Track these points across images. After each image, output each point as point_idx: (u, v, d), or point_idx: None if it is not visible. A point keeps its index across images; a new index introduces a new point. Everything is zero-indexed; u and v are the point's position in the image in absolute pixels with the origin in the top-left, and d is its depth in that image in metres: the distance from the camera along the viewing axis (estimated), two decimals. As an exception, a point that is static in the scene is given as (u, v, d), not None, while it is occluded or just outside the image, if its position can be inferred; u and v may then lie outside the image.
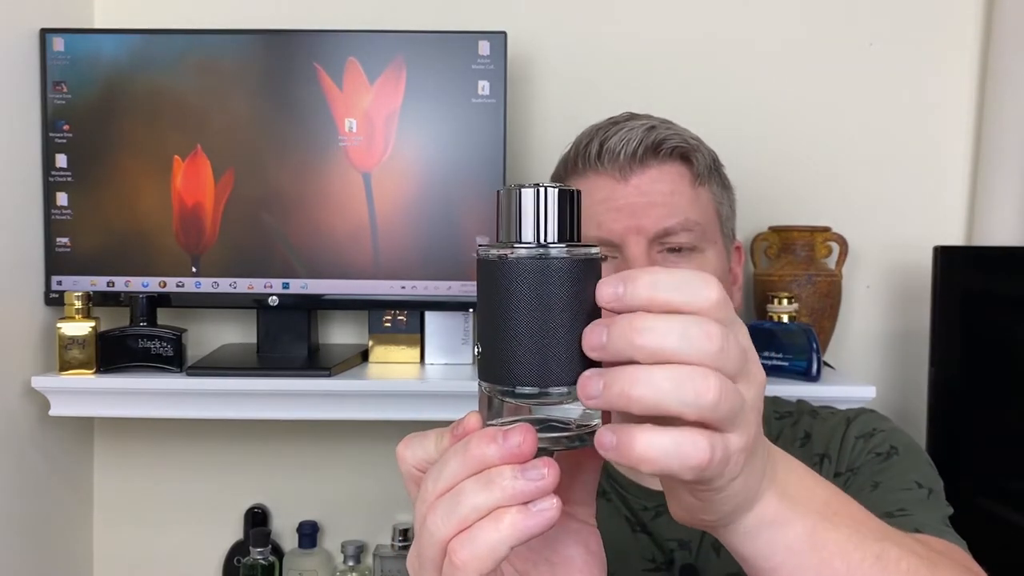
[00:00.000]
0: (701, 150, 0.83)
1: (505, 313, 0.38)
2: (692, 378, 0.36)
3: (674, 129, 0.82)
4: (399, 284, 1.24)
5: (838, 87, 1.38)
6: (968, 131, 1.39)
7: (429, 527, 0.40)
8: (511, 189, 0.39)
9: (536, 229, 0.39)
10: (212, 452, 1.43)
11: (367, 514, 1.42)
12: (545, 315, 0.38)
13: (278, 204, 1.23)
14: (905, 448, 0.80)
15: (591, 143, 0.81)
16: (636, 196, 0.78)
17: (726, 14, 1.38)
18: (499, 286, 0.38)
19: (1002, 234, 1.30)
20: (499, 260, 0.38)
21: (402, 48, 1.22)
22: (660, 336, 0.36)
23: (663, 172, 0.80)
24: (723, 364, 0.37)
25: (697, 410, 0.36)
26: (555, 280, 0.38)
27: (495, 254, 0.39)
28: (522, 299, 0.38)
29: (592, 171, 0.81)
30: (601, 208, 0.79)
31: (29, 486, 1.25)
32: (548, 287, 0.38)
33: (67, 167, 1.24)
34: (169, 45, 1.23)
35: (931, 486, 0.77)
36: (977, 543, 0.94)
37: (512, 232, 0.39)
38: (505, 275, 0.38)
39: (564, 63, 1.38)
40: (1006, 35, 1.30)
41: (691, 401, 0.36)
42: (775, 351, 1.19)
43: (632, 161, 0.79)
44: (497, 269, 0.38)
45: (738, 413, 0.38)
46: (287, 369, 1.20)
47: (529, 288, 0.38)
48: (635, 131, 0.79)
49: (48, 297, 1.25)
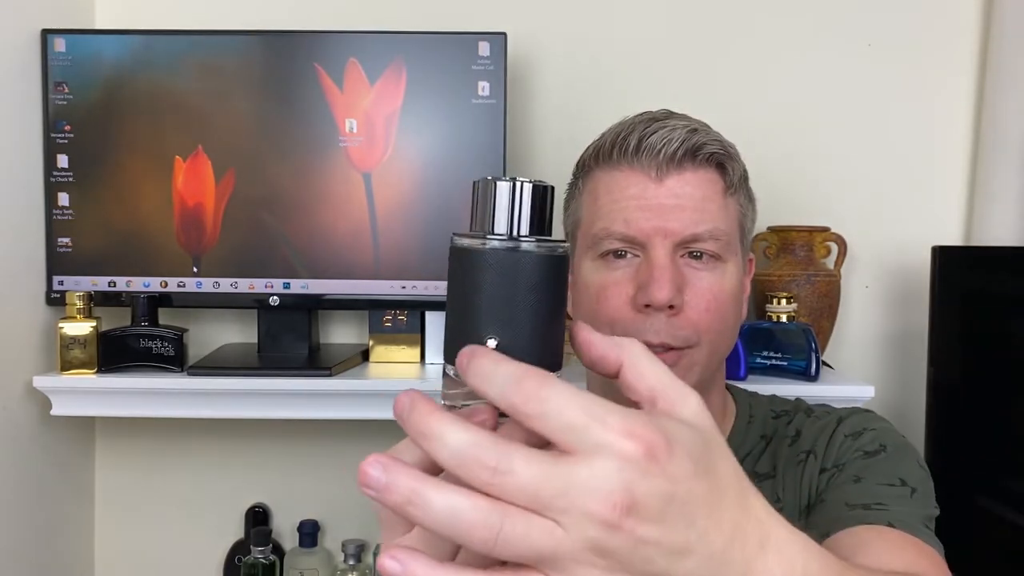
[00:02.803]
0: (736, 160, 0.81)
1: (470, 299, 0.39)
2: (467, 508, 0.32)
3: (713, 134, 0.80)
4: (399, 284, 1.25)
5: (837, 87, 1.39)
6: (967, 131, 1.39)
7: None
8: (488, 180, 0.40)
9: (509, 222, 0.39)
10: (213, 452, 1.44)
11: (367, 513, 1.43)
12: (508, 305, 0.38)
13: (279, 204, 1.24)
14: (895, 447, 0.79)
15: (630, 135, 0.78)
16: (668, 198, 0.76)
17: (726, 14, 1.38)
18: (468, 274, 0.39)
19: (1001, 234, 1.30)
20: (470, 249, 0.39)
21: (402, 48, 1.22)
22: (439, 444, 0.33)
23: (698, 177, 0.77)
24: (510, 496, 0.32)
25: (470, 546, 0.33)
26: (523, 273, 0.38)
27: (467, 243, 0.39)
28: (488, 288, 0.38)
29: (627, 165, 0.78)
30: (632, 204, 0.77)
31: (30, 486, 1.25)
32: (516, 279, 0.38)
33: (68, 167, 1.24)
34: (170, 46, 1.23)
35: (916, 485, 0.75)
36: (977, 543, 0.95)
37: (486, 223, 0.40)
38: (475, 264, 0.39)
39: (564, 63, 1.38)
40: (1006, 35, 1.30)
41: (463, 536, 0.32)
42: (774, 351, 1.20)
43: (670, 162, 0.76)
44: (468, 257, 0.39)
45: (548, 557, 0.33)
46: (288, 369, 1.20)
47: (497, 278, 0.38)
48: (677, 131, 0.77)
49: (49, 297, 1.25)
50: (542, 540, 0.32)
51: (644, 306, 0.74)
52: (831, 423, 0.83)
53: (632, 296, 0.75)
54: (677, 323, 0.75)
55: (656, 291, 0.73)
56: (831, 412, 0.86)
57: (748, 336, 1.21)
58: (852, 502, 0.72)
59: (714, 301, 0.76)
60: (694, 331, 0.75)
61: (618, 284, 0.76)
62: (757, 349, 1.21)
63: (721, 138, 0.81)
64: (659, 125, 0.78)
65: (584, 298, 0.80)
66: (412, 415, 0.34)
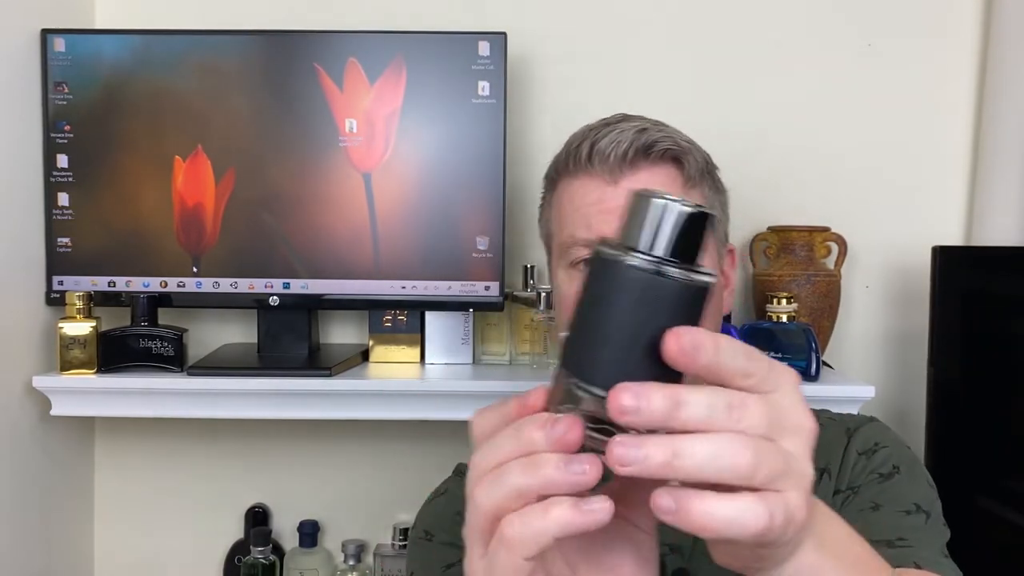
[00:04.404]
0: (693, 153, 0.82)
1: (602, 312, 0.38)
2: (725, 445, 0.36)
3: (666, 131, 0.81)
4: (399, 284, 1.24)
5: (838, 87, 1.38)
6: (967, 131, 1.39)
7: (476, 499, 0.42)
8: (646, 195, 0.39)
9: (658, 242, 0.38)
10: (213, 452, 1.44)
11: (367, 513, 1.43)
12: (638, 328, 0.38)
13: (279, 204, 1.24)
14: (907, 467, 0.79)
15: (582, 144, 0.80)
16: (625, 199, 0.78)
17: (726, 14, 1.38)
18: (604, 285, 0.38)
19: (1001, 234, 1.30)
20: (612, 260, 0.38)
21: (402, 48, 1.22)
22: (692, 408, 0.37)
23: (654, 174, 0.79)
24: (753, 428, 0.38)
25: (736, 478, 0.37)
26: (659, 297, 0.38)
27: (610, 253, 0.39)
28: (622, 305, 0.38)
29: (583, 172, 0.80)
30: (593, 210, 0.79)
31: (30, 485, 1.25)
32: (650, 302, 0.38)
33: (68, 167, 1.24)
34: (170, 46, 1.23)
35: (929, 508, 0.77)
36: (977, 543, 0.95)
37: (633, 238, 0.39)
38: (613, 276, 0.38)
39: (564, 63, 1.38)
40: (1006, 35, 1.30)
41: (727, 469, 0.36)
42: (774, 351, 1.19)
43: (623, 163, 0.78)
44: (607, 268, 0.38)
45: (785, 471, 0.38)
46: (287, 369, 1.20)
47: (632, 297, 0.38)
48: (626, 133, 0.79)
49: (49, 297, 1.25)
50: (780, 457, 0.38)
51: None
52: (840, 435, 0.83)
53: None
54: None
55: None
56: (836, 421, 0.86)
57: (748, 336, 1.21)
58: (875, 538, 0.73)
59: None
60: None
61: None
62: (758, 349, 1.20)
63: (674, 133, 0.82)
64: (608, 129, 0.80)
65: (562, 307, 0.83)
66: (654, 396, 0.37)
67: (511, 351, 1.32)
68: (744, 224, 1.36)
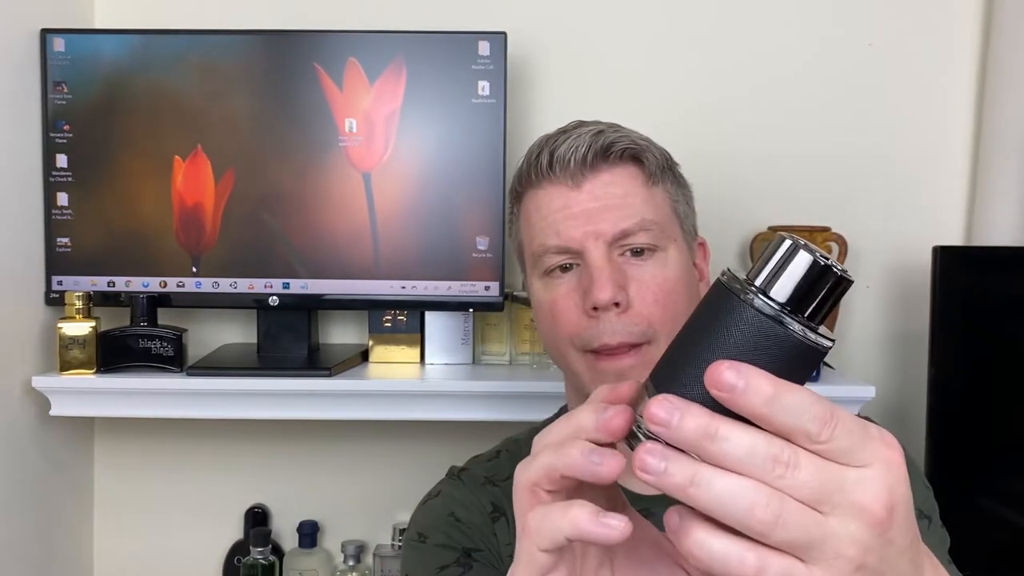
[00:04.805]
0: (651, 150, 0.83)
1: (708, 339, 0.38)
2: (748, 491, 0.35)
3: (622, 132, 0.83)
4: (399, 284, 1.24)
5: (838, 87, 1.38)
6: (967, 131, 1.39)
7: (516, 473, 0.43)
8: (791, 243, 0.38)
9: (789, 293, 0.37)
10: (212, 452, 1.43)
11: (367, 514, 1.43)
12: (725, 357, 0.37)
13: (278, 204, 1.24)
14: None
15: (541, 154, 0.81)
16: (590, 201, 0.79)
17: (725, 14, 1.38)
18: (720, 314, 0.38)
19: (1001, 234, 1.30)
20: (735, 292, 0.38)
21: (402, 48, 1.22)
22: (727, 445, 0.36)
23: (615, 175, 0.80)
24: (793, 489, 0.35)
25: (747, 528, 0.35)
26: (769, 345, 0.37)
27: (736, 286, 0.38)
28: (727, 340, 0.37)
29: (546, 181, 0.81)
30: (559, 216, 0.80)
31: (29, 486, 1.25)
32: (760, 347, 0.37)
33: (67, 167, 1.24)
34: (169, 45, 1.23)
35: (930, 513, 0.78)
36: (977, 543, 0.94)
37: (766, 279, 0.38)
38: (732, 308, 0.37)
39: (564, 63, 1.38)
40: (1006, 35, 1.30)
41: (741, 513, 0.35)
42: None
43: (583, 167, 0.79)
44: (729, 299, 0.38)
45: (814, 544, 0.35)
46: (287, 369, 1.20)
47: (741, 335, 0.37)
48: (583, 137, 0.80)
49: (48, 297, 1.25)
50: (816, 528, 0.35)
51: (592, 309, 0.77)
52: None
53: (579, 303, 0.78)
54: (628, 320, 0.77)
55: (598, 292, 0.75)
56: None
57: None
58: None
59: (660, 292, 0.78)
60: (647, 325, 0.77)
61: (566, 296, 0.79)
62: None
63: (630, 133, 0.83)
64: (565, 136, 0.81)
65: (541, 317, 0.84)
66: (688, 418, 0.36)
67: (511, 351, 1.32)
68: (744, 224, 1.36)
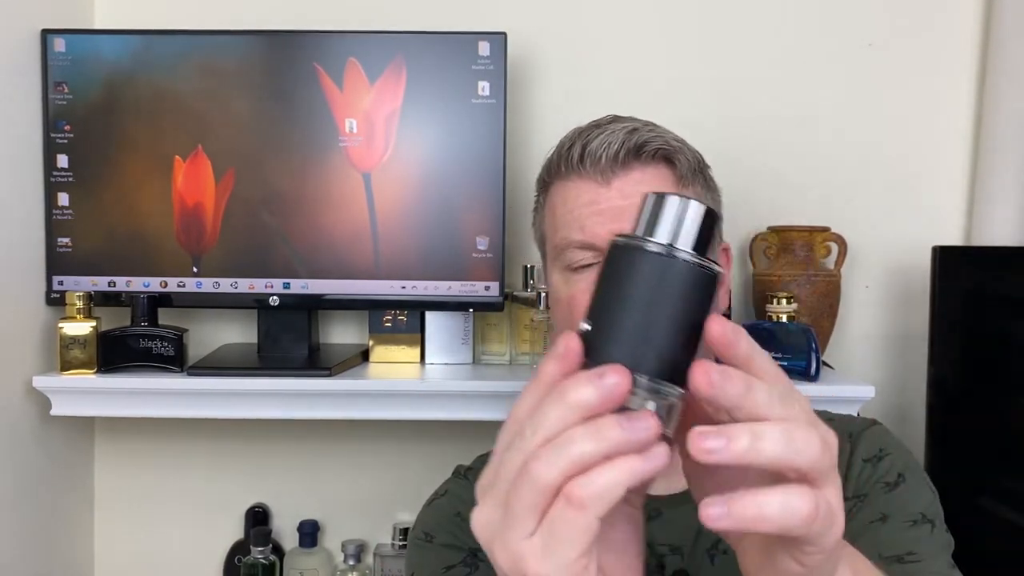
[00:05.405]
0: (684, 152, 0.82)
1: (615, 297, 0.41)
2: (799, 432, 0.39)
3: (657, 131, 0.82)
4: (399, 284, 1.24)
5: (837, 87, 1.38)
6: (967, 131, 1.39)
7: (533, 474, 0.40)
8: (659, 194, 0.43)
9: (672, 233, 0.41)
10: (213, 452, 1.44)
11: (367, 513, 1.43)
12: (654, 310, 0.40)
13: (279, 204, 1.24)
14: (910, 473, 0.80)
15: (573, 147, 0.81)
16: (619, 199, 0.78)
17: (726, 14, 1.38)
18: (620, 272, 0.41)
19: (1001, 234, 1.30)
20: (628, 247, 0.41)
21: (402, 48, 1.22)
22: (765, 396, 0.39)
23: (646, 174, 0.79)
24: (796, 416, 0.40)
25: (808, 462, 0.39)
26: (673, 280, 0.40)
27: (625, 243, 0.42)
28: (636, 289, 0.41)
29: (575, 175, 0.80)
30: (585, 212, 0.79)
31: (30, 485, 1.25)
32: (665, 285, 0.40)
33: (68, 167, 1.24)
34: (170, 46, 1.23)
35: (934, 517, 0.78)
36: (977, 543, 0.94)
37: (648, 229, 0.42)
38: (628, 263, 0.41)
39: (564, 63, 1.38)
40: (1006, 35, 1.30)
41: (801, 453, 0.39)
42: (774, 351, 1.19)
43: (614, 164, 0.78)
44: (624, 256, 0.41)
45: (832, 467, 0.40)
46: (287, 369, 1.20)
47: (648, 280, 0.40)
48: (616, 134, 0.79)
49: (49, 297, 1.25)
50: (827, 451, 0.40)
51: None
52: (843, 441, 0.82)
53: None
54: None
55: None
56: (834, 422, 0.85)
57: (748, 336, 1.21)
58: (886, 553, 0.74)
59: None
60: None
61: (585, 292, 0.78)
62: (757, 349, 1.20)
63: (665, 133, 0.82)
64: (599, 131, 0.80)
65: (558, 309, 0.83)
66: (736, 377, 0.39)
67: (511, 351, 1.32)
68: (744, 224, 1.36)
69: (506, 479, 0.42)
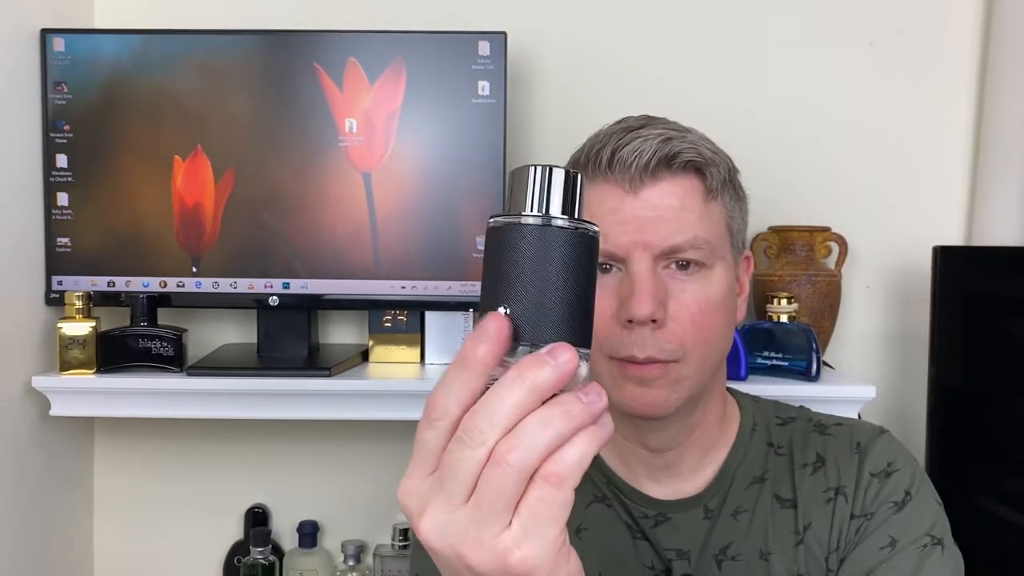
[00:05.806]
0: (716, 163, 0.79)
1: (501, 274, 0.42)
2: None
3: (689, 140, 0.78)
4: (399, 284, 1.24)
5: (838, 87, 1.38)
6: (968, 131, 1.39)
7: (514, 465, 0.40)
8: (521, 167, 0.43)
9: (542, 203, 0.42)
10: (212, 452, 1.43)
11: (367, 514, 1.43)
12: (543, 279, 0.41)
13: (278, 204, 1.24)
14: (916, 488, 0.79)
15: (603, 150, 0.77)
16: (645, 210, 0.75)
17: (726, 14, 1.38)
18: (502, 251, 0.42)
19: (1002, 234, 1.30)
20: (505, 226, 0.42)
21: (402, 48, 1.22)
22: None
23: (675, 185, 0.76)
24: None
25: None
26: (554, 247, 0.42)
27: (502, 221, 0.42)
28: (520, 263, 0.41)
29: (602, 179, 0.77)
30: (609, 220, 0.76)
31: (29, 486, 1.25)
32: (547, 252, 0.42)
33: (67, 167, 1.24)
34: (169, 45, 1.23)
35: (942, 535, 0.77)
36: (977, 543, 0.94)
37: (521, 205, 0.43)
38: (509, 240, 0.42)
39: (564, 63, 1.38)
40: (1006, 35, 1.30)
41: None
42: (775, 351, 1.19)
43: (643, 173, 0.75)
44: (502, 235, 0.42)
45: None
46: (287, 369, 1.20)
47: (530, 252, 0.42)
48: (650, 141, 0.76)
49: (48, 297, 1.25)
50: None
51: (627, 321, 0.73)
52: (848, 451, 0.82)
53: (615, 311, 0.75)
54: (662, 337, 0.74)
55: (636, 306, 0.72)
56: (842, 428, 0.84)
57: (749, 336, 1.21)
58: None
59: (699, 313, 0.75)
60: (679, 345, 0.74)
61: (601, 298, 0.75)
62: (758, 349, 1.20)
63: (698, 142, 0.79)
64: (632, 136, 0.77)
65: None
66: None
67: (511, 351, 1.32)
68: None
69: (466, 476, 0.41)
